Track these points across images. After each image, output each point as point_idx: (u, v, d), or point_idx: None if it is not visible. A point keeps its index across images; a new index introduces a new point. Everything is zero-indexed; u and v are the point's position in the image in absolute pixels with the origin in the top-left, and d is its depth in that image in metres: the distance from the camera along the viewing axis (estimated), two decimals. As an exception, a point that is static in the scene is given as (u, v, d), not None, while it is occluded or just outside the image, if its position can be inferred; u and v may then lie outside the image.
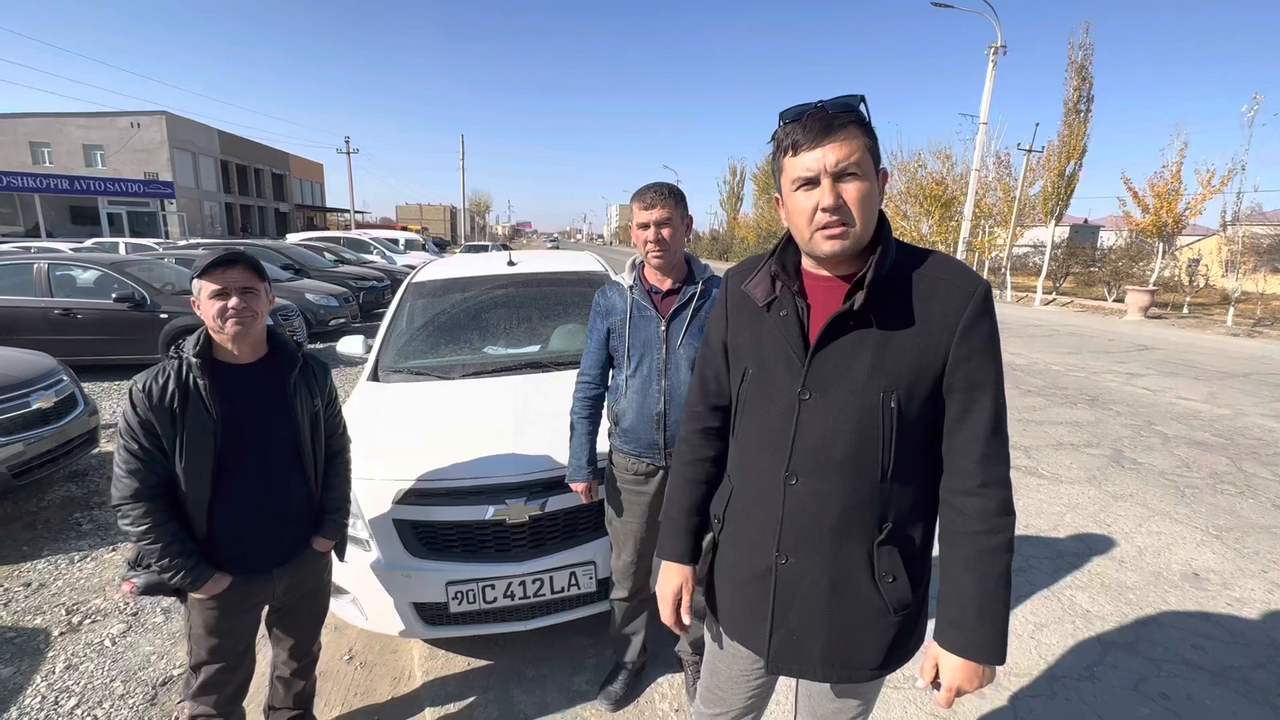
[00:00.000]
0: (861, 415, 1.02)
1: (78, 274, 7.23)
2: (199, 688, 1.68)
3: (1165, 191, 16.84)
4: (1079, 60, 18.34)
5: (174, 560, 1.52)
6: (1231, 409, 6.38)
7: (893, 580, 1.07)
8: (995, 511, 1.02)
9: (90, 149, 33.77)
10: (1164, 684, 2.31)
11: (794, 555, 1.10)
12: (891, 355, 1.01)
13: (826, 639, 1.11)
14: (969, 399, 1.01)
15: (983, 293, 1.02)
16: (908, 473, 1.06)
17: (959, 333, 1.00)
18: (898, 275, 1.03)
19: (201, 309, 1.55)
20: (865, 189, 0.98)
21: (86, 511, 3.75)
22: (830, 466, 1.05)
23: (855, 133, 0.97)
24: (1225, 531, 3.58)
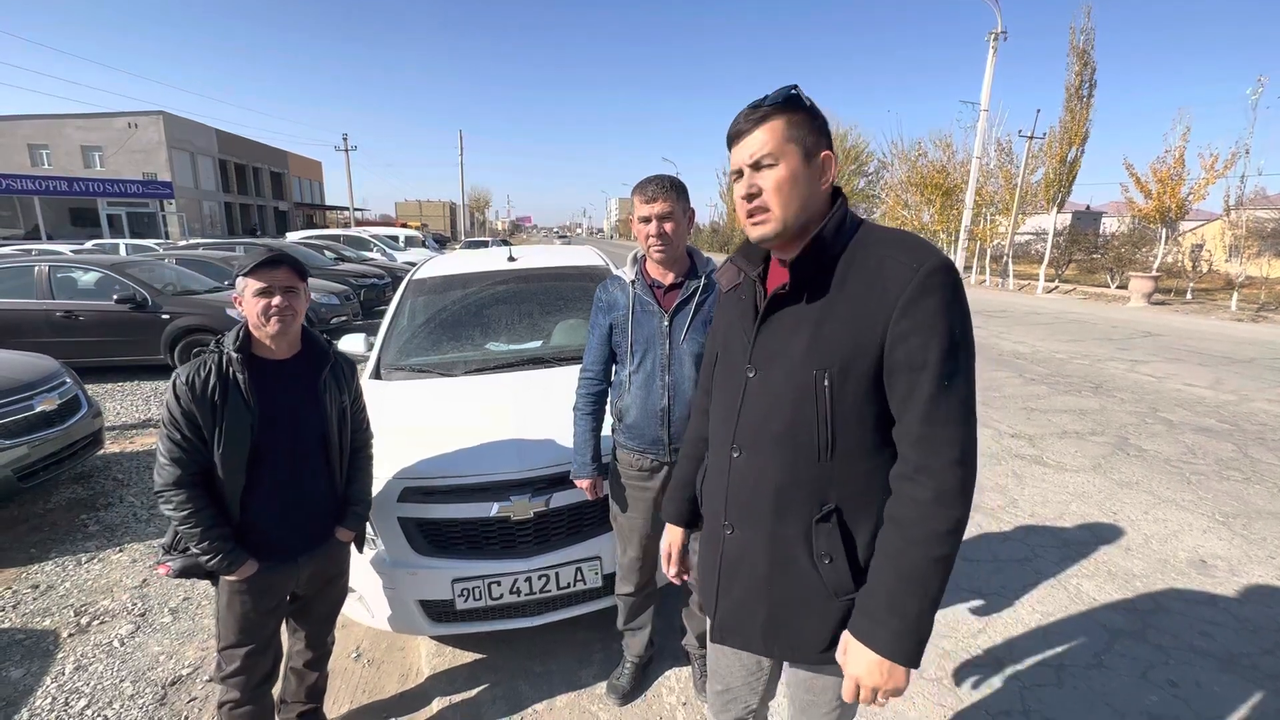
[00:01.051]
0: (797, 393, 1.05)
1: (79, 276, 7.23)
2: (228, 672, 1.73)
3: (1168, 176, 16.71)
4: (1080, 45, 18.19)
5: (213, 544, 1.59)
6: (1237, 395, 6.35)
7: (830, 561, 1.06)
8: (926, 500, 0.96)
9: (89, 150, 33.74)
10: (1172, 671, 2.30)
11: (738, 526, 1.16)
12: (826, 334, 1.02)
13: (767, 613, 1.13)
14: (910, 380, 0.97)
15: (929, 269, 0.96)
16: (852, 454, 1.04)
17: (897, 310, 0.96)
18: (847, 255, 1.04)
19: (245, 305, 1.62)
20: (782, 176, 1.02)
21: (93, 513, 3.76)
22: (768, 441, 1.10)
23: (776, 124, 1.02)
24: (1232, 518, 3.57)
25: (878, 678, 0.99)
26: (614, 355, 2.03)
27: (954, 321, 0.96)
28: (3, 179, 23.49)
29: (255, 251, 1.65)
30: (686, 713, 2.16)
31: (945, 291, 0.96)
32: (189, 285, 7.81)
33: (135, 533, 3.53)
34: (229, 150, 39.50)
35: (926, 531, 0.96)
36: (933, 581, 0.96)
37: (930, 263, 0.97)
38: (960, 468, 0.96)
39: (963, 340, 0.97)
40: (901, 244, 1.02)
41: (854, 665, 1.01)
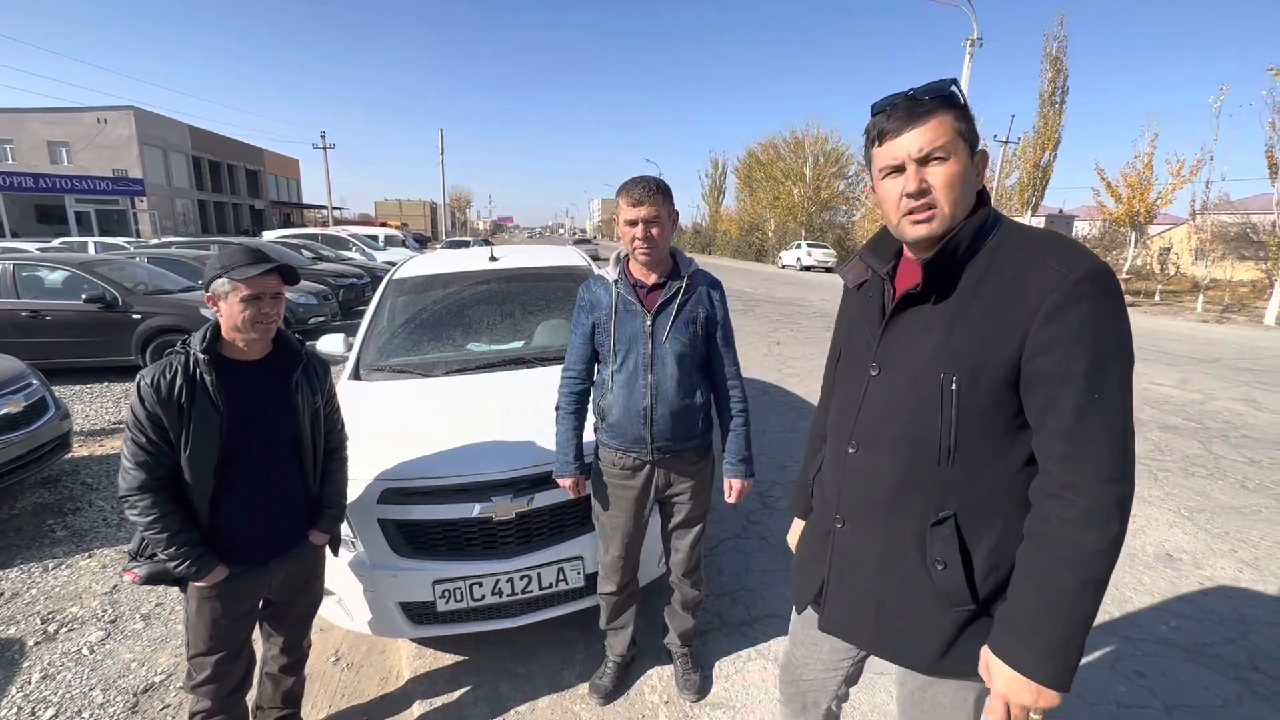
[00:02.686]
0: (921, 394, 1.02)
1: (45, 275, 7.03)
2: (199, 681, 1.69)
3: (1137, 181, 17.19)
4: (1054, 52, 18.65)
5: (180, 550, 1.55)
6: (1202, 393, 6.54)
7: (943, 567, 1.02)
8: (1074, 518, 0.90)
9: (55, 146, 32.73)
10: (1140, 662, 2.37)
11: (850, 521, 1.15)
12: (958, 337, 0.98)
13: (877, 611, 1.13)
14: (1052, 392, 0.91)
15: (1079, 276, 0.90)
16: (975, 462, 1.00)
17: (1040, 318, 0.91)
18: (985, 255, 0.99)
19: (226, 307, 1.57)
20: (953, 171, 0.98)
21: (61, 518, 3.66)
22: (886, 441, 1.08)
23: (943, 117, 0.98)
24: (1197, 513, 3.68)
25: (1026, 698, 0.93)
26: (596, 354, 2.03)
27: (1105, 331, 0.90)
28: (-36, 174, 22.75)
29: (236, 251, 1.59)
30: (669, 711, 2.17)
31: (1097, 300, 0.90)
32: (161, 284, 7.63)
33: (105, 538, 3.44)
34: (203, 147, 38.65)
35: (1074, 552, 0.90)
36: (1082, 605, 0.91)
37: (1081, 268, 0.91)
38: (1114, 485, 0.90)
39: (1116, 352, 0.91)
40: (1049, 246, 0.96)
41: (1001, 684, 0.96)
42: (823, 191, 33.04)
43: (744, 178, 40.12)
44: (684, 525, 2.08)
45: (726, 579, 2.95)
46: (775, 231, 35.08)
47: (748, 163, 39.19)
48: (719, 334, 1.97)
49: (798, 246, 28.18)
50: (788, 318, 12.09)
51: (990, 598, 1.03)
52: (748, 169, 39.18)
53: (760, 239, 36.62)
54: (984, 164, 1.02)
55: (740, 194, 41.49)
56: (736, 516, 3.52)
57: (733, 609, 2.73)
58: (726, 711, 2.16)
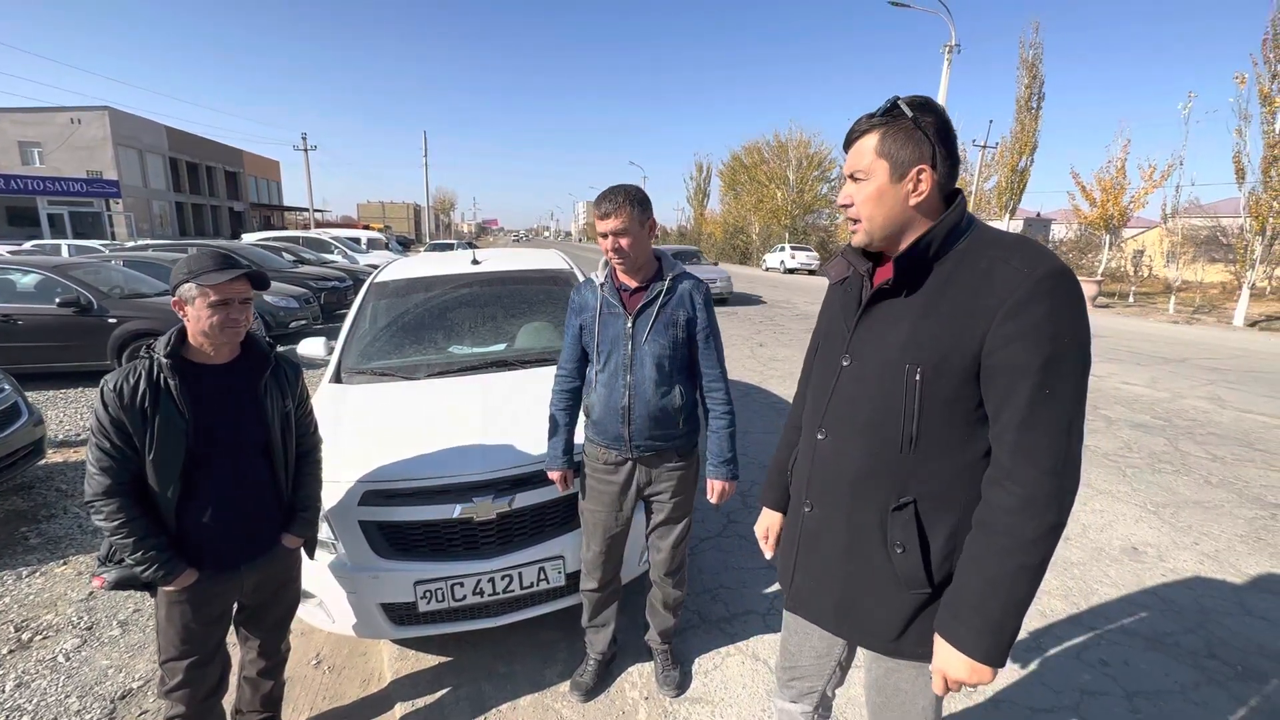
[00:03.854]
0: (887, 384, 1.08)
1: (17, 278, 6.88)
2: (171, 686, 1.68)
3: (1111, 186, 17.62)
4: (1030, 59, 19.04)
5: (146, 554, 1.54)
6: (1170, 392, 6.73)
7: (902, 551, 1.08)
8: (1013, 507, 0.96)
9: (26, 146, 32.01)
10: (1103, 651, 2.45)
11: (817, 505, 1.21)
12: (925, 330, 1.04)
13: (840, 592, 1.18)
14: (1008, 385, 0.96)
15: (1041, 275, 0.95)
16: (935, 450, 1.06)
17: (1002, 313, 0.96)
18: (956, 254, 1.05)
19: (193, 312, 1.56)
20: (868, 190, 1.08)
21: (34, 525, 3.61)
22: (853, 427, 1.14)
23: (869, 141, 1.07)
24: (1162, 508, 3.80)
25: (962, 673, 1.01)
26: (586, 354, 2.09)
27: (1063, 330, 0.94)
28: (-69, 175, 22.18)
29: (202, 255, 1.58)
30: (649, 707, 2.20)
31: (1057, 298, 0.95)
32: (137, 288, 7.52)
33: (80, 545, 3.40)
34: (180, 148, 38.03)
35: (1012, 539, 0.96)
36: (1017, 588, 0.96)
37: (1045, 266, 0.96)
38: (1053, 477, 0.95)
39: (1072, 351, 0.95)
40: (1015, 248, 1.01)
41: (939, 659, 1.04)
42: (806, 194, 33.35)
43: (728, 181, 40.34)
44: (665, 524, 2.12)
45: (706, 577, 2.99)
46: (759, 234, 35.34)
47: (732, 166, 39.41)
48: (700, 336, 2.00)
49: (781, 249, 28.41)
50: (770, 320, 12.20)
51: (945, 581, 1.08)
52: (732, 172, 39.40)
53: (745, 242, 36.85)
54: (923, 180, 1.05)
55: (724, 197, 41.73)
56: (717, 515, 3.57)
57: (712, 606, 2.77)
58: (705, 706, 2.20)
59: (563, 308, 3.51)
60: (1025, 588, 0.97)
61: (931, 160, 1.04)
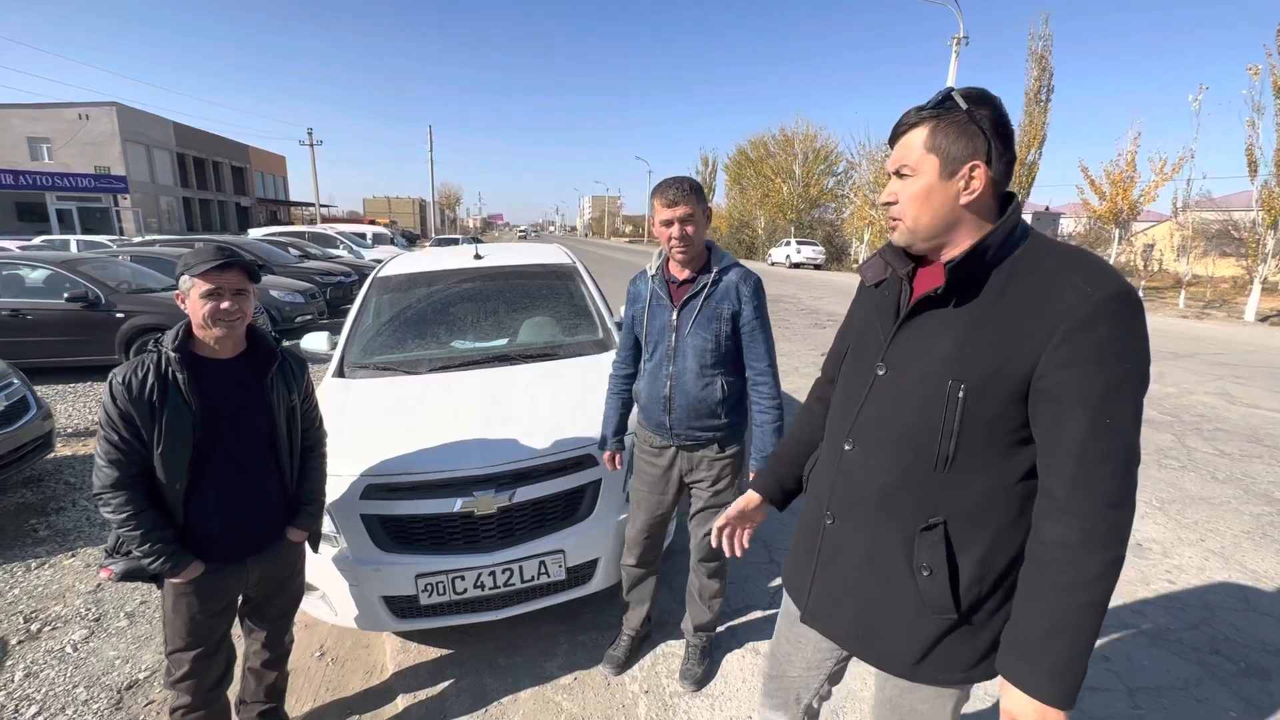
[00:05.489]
0: (926, 399, 1.01)
1: (26, 273, 6.95)
2: (178, 677, 1.70)
3: (1121, 179, 17.41)
4: (1039, 51, 18.82)
5: (154, 546, 1.56)
6: (1178, 388, 6.67)
7: (929, 573, 1.02)
8: (1073, 542, 0.90)
9: (35, 142, 32.19)
10: (1106, 647, 2.45)
11: (840, 518, 1.15)
12: (972, 345, 0.97)
13: (858, 610, 1.13)
14: (1060, 411, 0.90)
15: (1104, 296, 0.89)
16: (972, 472, 1.00)
17: (1059, 335, 0.89)
18: (1009, 264, 0.98)
19: (190, 305, 1.59)
20: (914, 187, 1.01)
21: (43, 518, 3.65)
22: (885, 440, 1.08)
23: (918, 135, 1.00)
24: (1168, 504, 3.77)
25: (1033, 716, 0.94)
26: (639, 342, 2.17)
27: (1124, 355, 0.89)
28: (-58, 171, 22.35)
29: (202, 249, 1.60)
30: (649, 701, 2.21)
31: (1120, 322, 0.89)
32: (145, 283, 7.57)
33: (89, 537, 3.44)
34: (187, 144, 38.17)
35: (1073, 576, 0.90)
36: (1085, 627, 0.91)
37: (1108, 288, 0.90)
38: (1114, 510, 0.89)
39: (1133, 377, 0.89)
40: (1076, 262, 0.94)
41: (1007, 702, 0.97)
42: (812, 189, 33.18)
43: (734, 175, 40.18)
44: (703, 512, 2.14)
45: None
46: (765, 229, 35.20)
47: (737, 160, 39.23)
48: (745, 330, 1.98)
49: (787, 244, 28.30)
50: (775, 315, 12.17)
51: (973, 608, 1.03)
52: (737, 166, 39.22)
53: (750, 236, 36.72)
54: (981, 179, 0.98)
55: (730, 191, 41.56)
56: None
57: (713, 601, 2.77)
58: (705, 700, 2.21)
59: (564, 302, 3.52)
60: (1092, 626, 0.91)
61: (986, 156, 0.97)
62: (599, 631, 2.55)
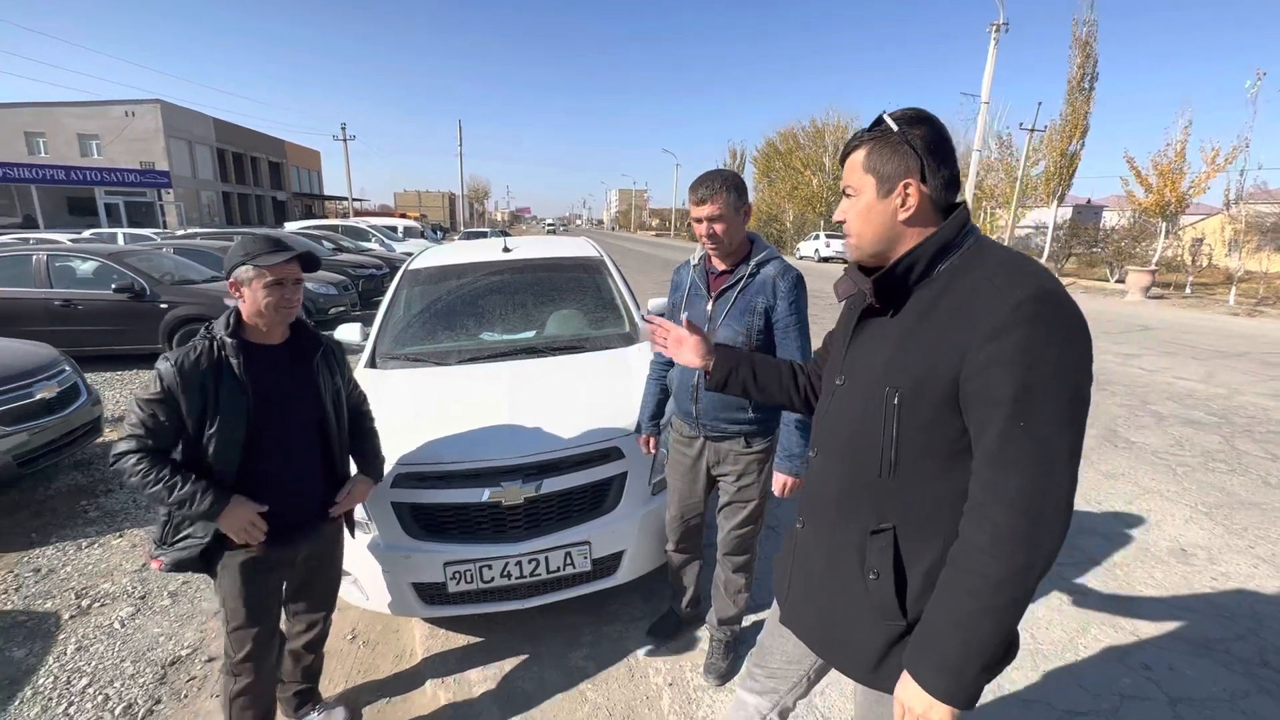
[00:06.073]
0: (867, 406, 1.06)
1: (77, 265, 7.25)
2: (241, 656, 1.73)
3: (1169, 170, 16.71)
4: (1083, 36, 18.15)
5: (186, 490, 1.53)
6: (1227, 388, 6.40)
7: (876, 577, 1.05)
8: (981, 544, 0.91)
9: (85, 139, 33.52)
10: (1146, 655, 2.36)
11: (808, 522, 1.21)
12: (905, 353, 1.01)
13: (821, 612, 1.17)
14: (984, 415, 0.92)
15: (1020, 299, 0.89)
16: (916, 477, 1.02)
17: (979, 339, 0.91)
18: (946, 274, 1.01)
19: (249, 293, 1.63)
20: (857, 206, 1.07)
21: (93, 499, 3.82)
22: (837, 448, 1.14)
23: (858, 156, 1.06)
24: (1215, 509, 3.63)
25: (919, 708, 0.96)
26: None
27: (1043, 357, 0.88)
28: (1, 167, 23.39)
29: (258, 239, 1.64)
30: (672, 693, 2.22)
31: (1038, 325, 0.88)
32: (187, 275, 7.83)
33: (135, 519, 3.58)
34: (226, 139, 39.29)
35: (978, 578, 0.91)
36: (980, 630, 0.91)
37: (1028, 289, 0.90)
38: (1025, 517, 0.88)
39: (1053, 378, 0.88)
40: (1005, 268, 0.95)
41: (900, 689, 1.00)
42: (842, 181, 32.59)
43: (762, 168, 39.69)
44: (729, 505, 2.14)
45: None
46: (794, 222, 34.73)
47: (766, 152, 38.74)
48: (779, 326, 1.96)
49: (816, 237, 27.89)
50: (804, 309, 12.00)
51: (919, 617, 1.03)
52: (766, 159, 38.75)
53: (778, 230, 36.28)
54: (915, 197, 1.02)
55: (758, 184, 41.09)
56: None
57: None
58: (729, 694, 2.20)
59: (591, 296, 3.53)
60: (988, 630, 0.91)
61: (921, 174, 1.01)
62: (623, 624, 2.56)
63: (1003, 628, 0.91)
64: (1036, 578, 0.90)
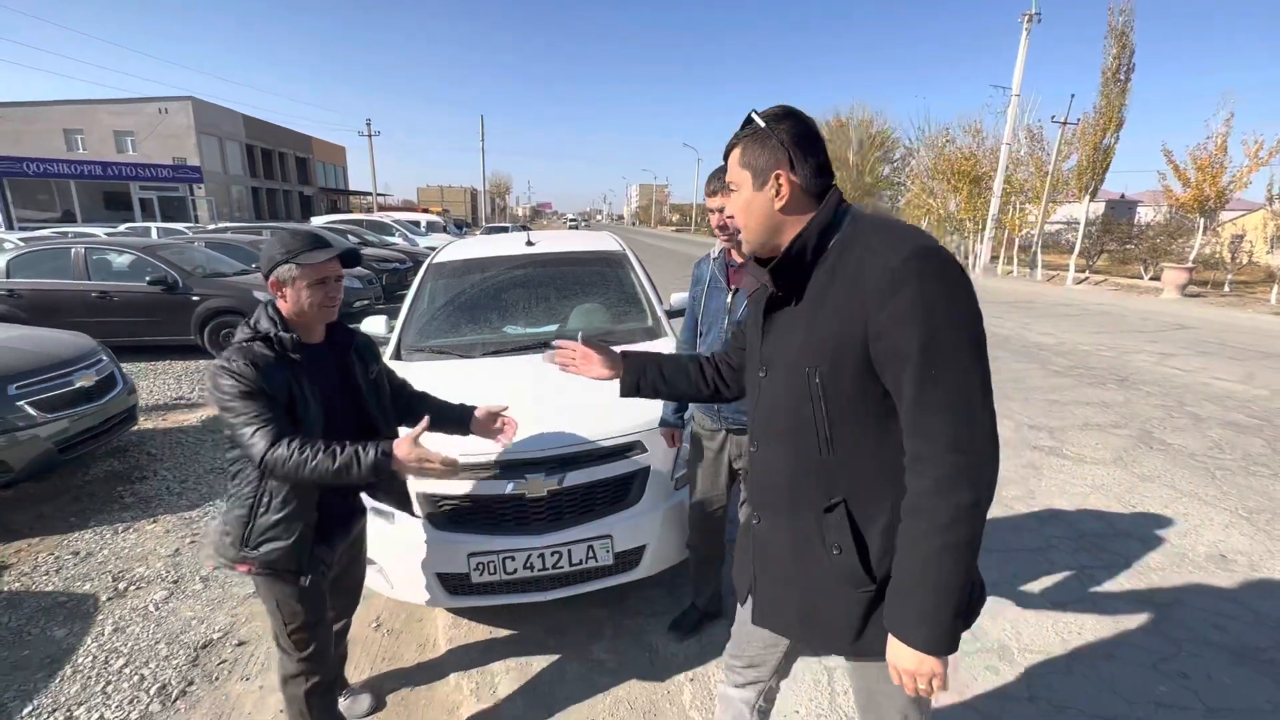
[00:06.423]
0: (794, 390, 1.10)
1: (113, 258, 7.46)
2: (310, 654, 1.70)
3: (1209, 164, 16.11)
4: (1119, 26, 17.56)
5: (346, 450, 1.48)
6: (1269, 389, 6.18)
7: (839, 552, 1.08)
8: (925, 489, 0.96)
9: (121, 135, 34.43)
10: (1183, 663, 2.29)
11: (764, 516, 1.23)
12: (814, 333, 1.06)
13: (799, 601, 1.17)
14: (896, 372, 0.97)
15: (904, 256, 0.95)
16: (855, 448, 1.06)
17: (874, 304, 0.97)
18: (834, 253, 1.07)
19: (292, 293, 1.55)
20: (739, 201, 1.13)
21: (129, 485, 3.93)
22: (774, 437, 1.17)
23: (735, 155, 1.13)
24: (1256, 514, 3.50)
25: (909, 664, 1.00)
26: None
27: (935, 307, 0.94)
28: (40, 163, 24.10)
29: (298, 236, 1.58)
30: (694, 688, 2.21)
31: (924, 279, 0.95)
32: (218, 268, 8.00)
33: (168, 505, 3.68)
34: (255, 135, 40.04)
35: (930, 522, 0.96)
36: (942, 570, 0.95)
37: (906, 250, 0.96)
38: (956, 454, 0.94)
39: (950, 324, 0.95)
40: (883, 234, 1.02)
41: (889, 652, 1.04)
42: (867, 176, 32.11)
43: (785, 162, 39.26)
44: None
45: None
46: (816, 218, 34.25)
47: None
48: None
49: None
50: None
51: (889, 576, 1.06)
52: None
53: (800, 225, 35.82)
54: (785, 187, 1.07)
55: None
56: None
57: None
58: (751, 692, 2.19)
59: (614, 290, 3.52)
60: (950, 568, 0.96)
61: (789, 164, 1.07)
62: (645, 618, 2.56)
63: (962, 565, 0.96)
64: (984, 512, 0.96)
